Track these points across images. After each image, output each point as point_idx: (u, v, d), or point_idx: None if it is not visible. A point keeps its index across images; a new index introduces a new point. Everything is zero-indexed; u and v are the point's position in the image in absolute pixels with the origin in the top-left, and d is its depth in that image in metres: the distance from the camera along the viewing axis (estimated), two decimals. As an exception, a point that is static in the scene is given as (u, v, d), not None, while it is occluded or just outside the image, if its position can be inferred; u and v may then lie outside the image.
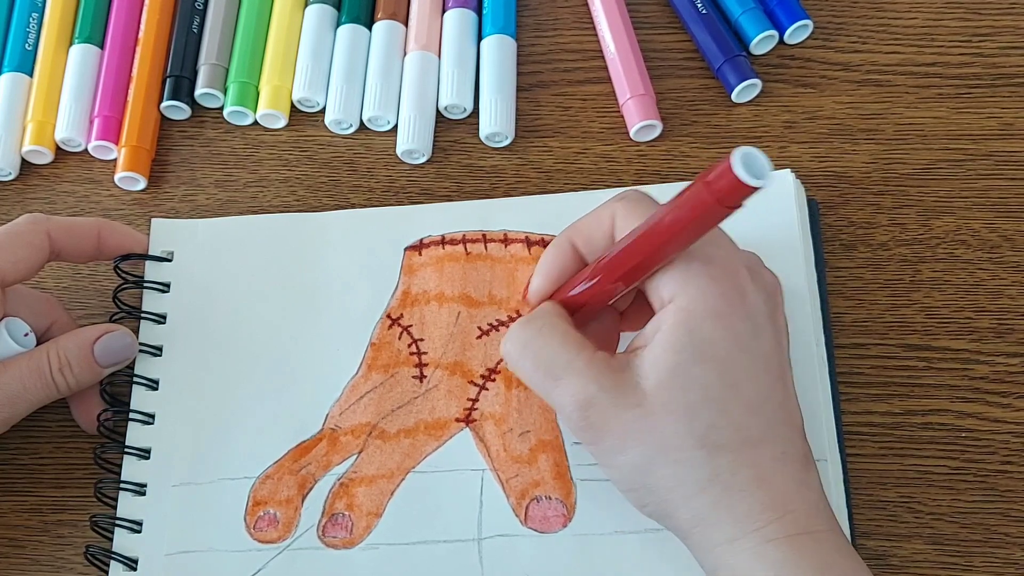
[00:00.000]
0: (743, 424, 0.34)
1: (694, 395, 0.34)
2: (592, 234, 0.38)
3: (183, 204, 0.50)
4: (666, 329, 0.34)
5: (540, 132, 0.51)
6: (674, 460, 0.34)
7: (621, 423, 0.34)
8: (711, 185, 0.31)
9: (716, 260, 0.35)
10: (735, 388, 0.34)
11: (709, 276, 0.35)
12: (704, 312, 0.34)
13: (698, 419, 0.34)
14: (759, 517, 0.33)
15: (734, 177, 0.30)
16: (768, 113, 0.50)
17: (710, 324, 0.34)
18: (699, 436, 0.33)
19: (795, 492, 0.33)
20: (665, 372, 0.34)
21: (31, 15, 0.54)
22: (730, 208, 0.31)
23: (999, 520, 0.41)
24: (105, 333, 0.43)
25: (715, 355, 0.34)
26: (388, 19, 0.53)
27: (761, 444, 0.34)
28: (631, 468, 0.35)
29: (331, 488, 0.42)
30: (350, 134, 0.52)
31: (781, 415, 0.35)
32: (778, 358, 0.35)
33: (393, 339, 0.45)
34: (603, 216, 0.37)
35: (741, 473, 0.33)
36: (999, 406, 0.43)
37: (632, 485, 0.36)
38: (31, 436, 0.46)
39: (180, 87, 0.52)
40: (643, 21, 0.53)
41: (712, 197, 0.31)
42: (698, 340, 0.34)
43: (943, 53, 0.50)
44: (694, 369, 0.34)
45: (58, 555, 0.43)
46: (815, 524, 0.33)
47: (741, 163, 0.30)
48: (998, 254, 0.46)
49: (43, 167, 0.52)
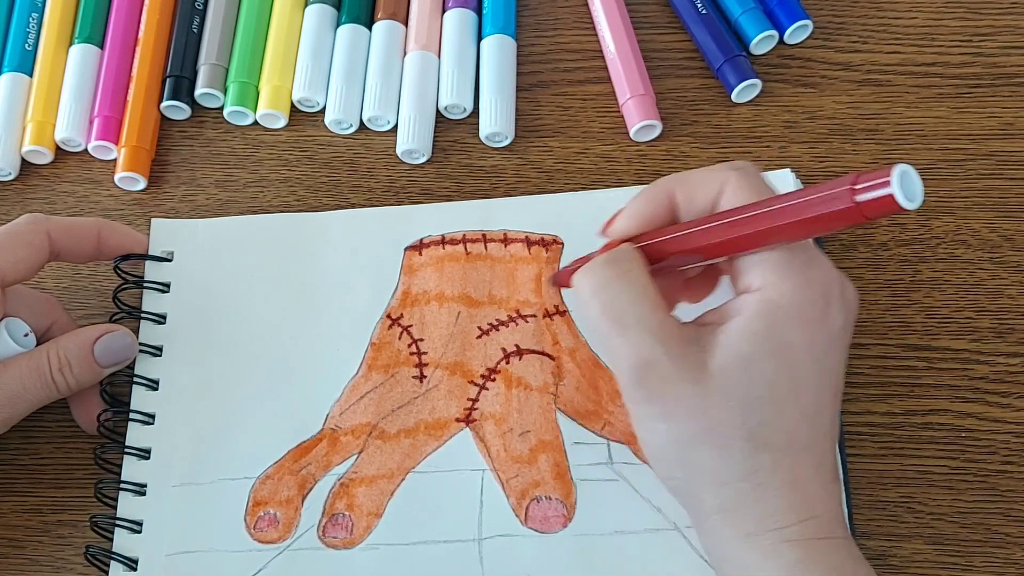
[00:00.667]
0: (794, 430, 0.34)
1: (757, 389, 0.33)
2: (696, 191, 0.36)
3: (183, 204, 0.50)
4: (748, 316, 0.34)
5: (540, 132, 0.51)
6: (719, 445, 0.33)
7: (676, 393, 0.34)
8: (860, 192, 0.30)
9: (817, 264, 0.34)
10: (796, 394, 0.34)
11: (806, 277, 0.34)
12: (790, 312, 0.34)
13: (754, 413, 0.33)
14: (784, 517, 0.33)
15: (891, 197, 0.29)
16: (768, 113, 0.50)
17: (792, 325, 0.33)
18: (750, 429, 0.33)
19: (822, 500, 0.33)
20: (735, 359, 0.33)
21: (31, 15, 0.54)
22: (869, 220, 0.30)
23: (999, 520, 0.41)
24: (105, 333, 0.43)
25: (788, 357, 0.33)
26: (388, 19, 0.53)
27: (804, 452, 0.34)
28: (671, 439, 0.34)
29: (331, 488, 0.42)
30: (350, 134, 0.52)
31: (828, 429, 0.35)
32: (840, 377, 0.35)
33: (393, 339, 0.45)
34: (714, 178, 0.36)
35: (779, 474, 0.33)
36: (999, 406, 0.43)
37: (666, 455, 0.35)
38: (31, 436, 0.46)
39: (180, 87, 0.52)
40: (643, 21, 0.53)
41: (857, 204, 0.30)
42: (776, 337, 0.33)
43: (943, 53, 0.50)
44: (766, 365, 0.33)
45: (58, 555, 0.43)
46: (834, 531, 0.33)
47: (899, 182, 0.29)
48: (998, 254, 0.46)
49: (43, 167, 0.52)
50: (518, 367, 0.44)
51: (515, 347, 0.44)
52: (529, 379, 0.43)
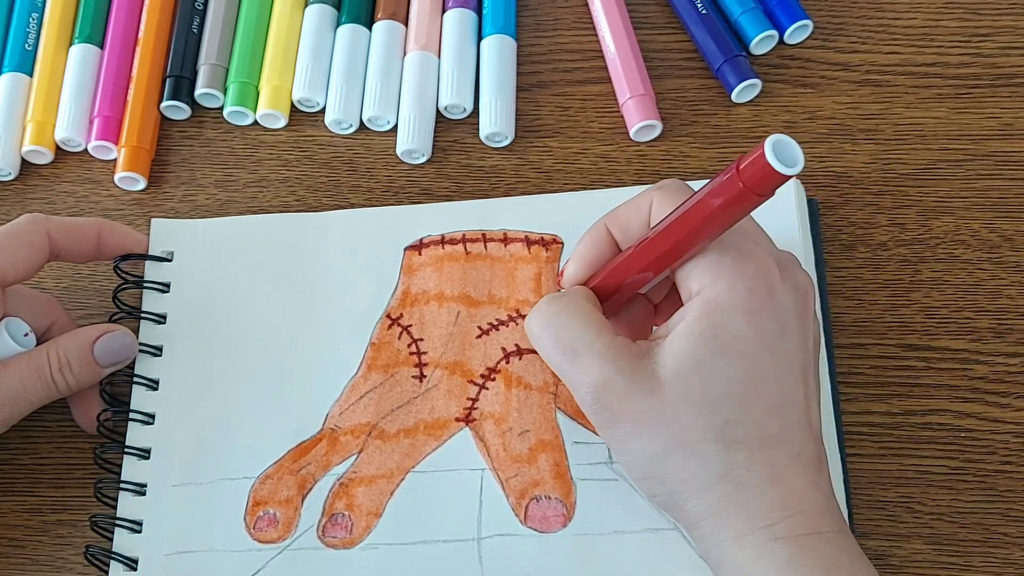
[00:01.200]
0: (762, 423, 0.34)
1: (715, 388, 0.33)
2: (629, 221, 0.37)
3: (183, 204, 0.50)
4: (690, 320, 0.34)
5: (540, 132, 0.51)
6: (690, 452, 0.34)
7: (636, 409, 0.34)
8: (743, 172, 0.30)
9: (748, 255, 0.35)
10: (758, 386, 0.34)
11: (739, 271, 0.34)
12: (731, 306, 0.34)
13: (717, 413, 0.33)
14: (769, 515, 0.33)
15: (766, 164, 0.29)
16: (768, 113, 0.50)
17: (737, 319, 0.34)
18: (717, 430, 0.33)
19: (807, 493, 0.33)
20: (686, 362, 0.34)
21: (31, 15, 0.54)
22: (761, 196, 0.31)
23: (998, 520, 0.41)
24: (105, 333, 0.43)
25: (740, 351, 0.34)
26: (388, 19, 0.53)
27: (778, 444, 0.34)
28: (644, 456, 0.35)
29: (331, 488, 0.42)
30: (350, 134, 0.52)
31: (800, 417, 0.34)
32: (803, 359, 0.35)
33: (393, 339, 0.45)
34: (640, 203, 0.37)
35: (756, 471, 0.33)
36: (999, 406, 0.43)
37: (644, 474, 0.35)
38: (31, 436, 0.46)
39: (180, 87, 0.52)
40: (643, 21, 0.53)
41: (744, 184, 0.31)
42: (723, 334, 0.34)
43: (943, 53, 0.50)
44: (717, 362, 0.33)
45: (58, 555, 0.44)
46: (824, 525, 0.33)
47: (773, 151, 0.29)
48: (998, 254, 0.46)
49: (43, 167, 0.52)
50: (518, 367, 0.44)
51: (515, 347, 0.44)
52: (529, 379, 0.43)
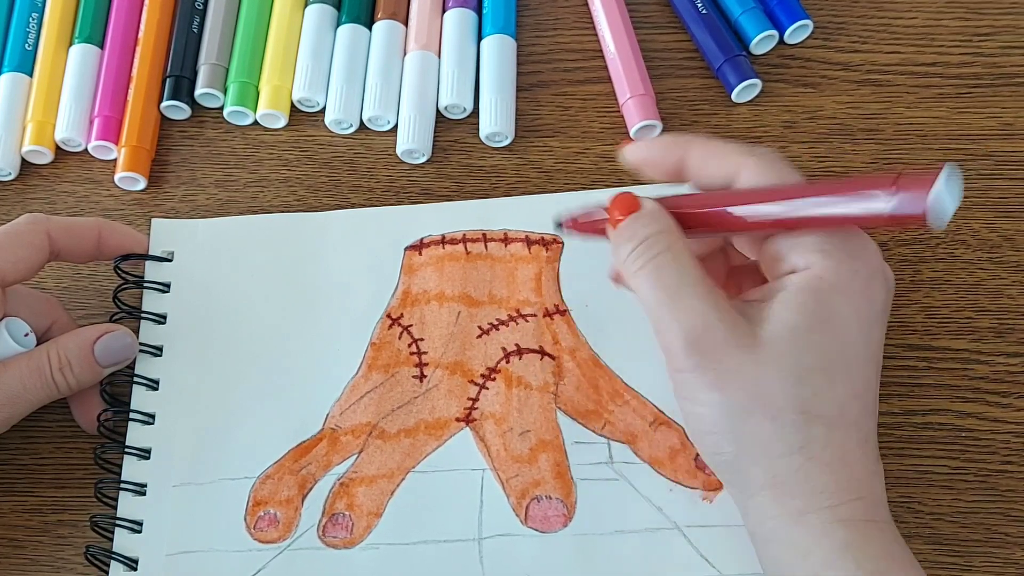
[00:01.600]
0: (844, 403, 0.34)
1: (809, 359, 0.33)
2: (711, 163, 0.36)
3: (183, 204, 0.50)
4: (794, 290, 0.34)
5: (540, 132, 0.51)
6: (771, 416, 0.33)
7: (729, 360, 0.33)
8: (896, 206, 0.30)
9: (856, 239, 0.35)
10: (847, 367, 0.34)
11: (849, 253, 0.34)
12: (836, 285, 0.34)
13: (807, 384, 0.33)
14: (834, 495, 0.33)
15: (923, 218, 0.30)
16: (768, 113, 0.50)
17: (840, 298, 0.34)
18: (803, 400, 0.33)
19: (869, 480, 0.34)
20: (786, 329, 0.33)
21: (31, 15, 0.54)
22: (916, 227, 0.31)
23: (999, 520, 0.41)
24: (105, 333, 0.43)
25: (837, 329, 0.34)
26: (388, 19, 0.53)
27: (853, 427, 0.34)
28: (723, 409, 0.34)
29: (331, 488, 0.42)
30: (350, 134, 0.52)
31: (872, 408, 0.35)
32: (880, 355, 0.35)
33: (393, 339, 0.45)
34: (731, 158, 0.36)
35: (830, 449, 0.33)
36: (999, 406, 0.43)
37: (716, 428, 0.34)
38: (31, 436, 0.46)
39: (180, 87, 0.52)
40: (643, 21, 0.53)
41: (919, 221, 0.30)
42: (826, 311, 0.33)
43: (943, 53, 0.50)
44: (816, 336, 0.33)
45: (58, 555, 0.43)
46: (880, 514, 0.33)
47: (937, 204, 0.30)
48: (998, 254, 0.46)
49: (43, 167, 0.52)
50: (518, 366, 0.44)
51: (515, 346, 0.44)
52: (529, 378, 0.43)
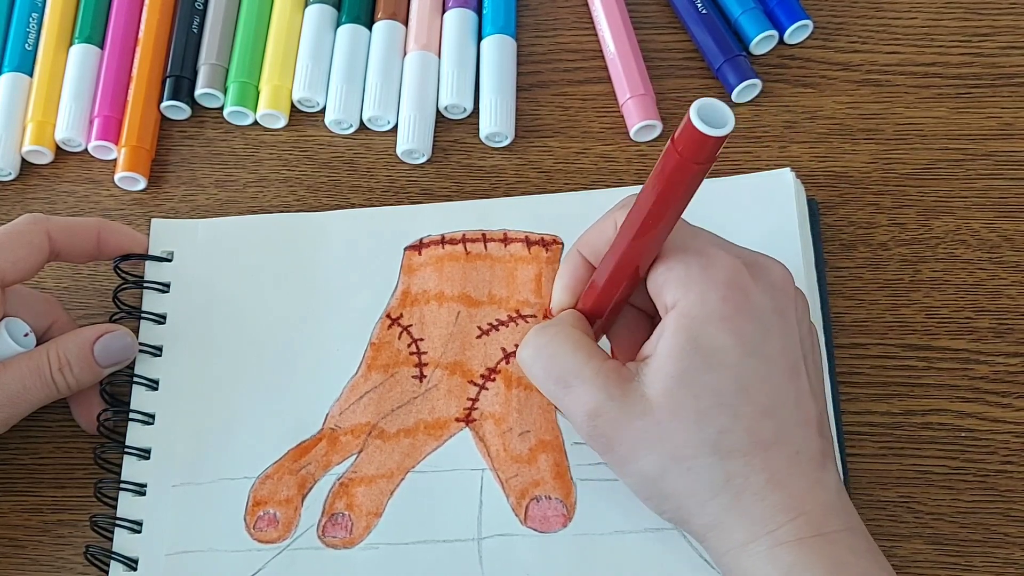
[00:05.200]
0: (755, 428, 0.33)
1: (703, 402, 0.33)
2: (596, 242, 0.38)
3: (183, 204, 0.50)
4: (668, 336, 0.34)
5: (540, 132, 0.51)
6: (687, 468, 0.34)
7: (630, 432, 0.34)
8: (677, 143, 0.31)
9: (715, 261, 0.35)
10: (745, 392, 0.34)
11: (708, 278, 0.34)
12: (706, 317, 0.34)
13: (709, 425, 0.33)
14: (772, 520, 0.33)
15: (694, 129, 0.29)
16: (768, 113, 0.50)
17: (714, 329, 0.34)
18: (711, 442, 0.33)
19: (809, 493, 0.33)
20: (671, 380, 0.34)
21: (31, 15, 0.54)
22: (700, 164, 0.31)
23: (999, 520, 0.41)
24: (105, 333, 0.43)
25: (722, 360, 0.33)
26: (388, 19, 0.53)
27: (774, 446, 0.33)
28: (644, 477, 0.35)
29: (331, 488, 0.42)
30: (350, 134, 0.52)
31: (795, 415, 0.34)
32: (791, 356, 0.35)
33: (393, 339, 0.45)
34: (606, 223, 0.37)
35: (754, 477, 0.33)
36: (999, 406, 0.43)
37: (648, 493, 0.36)
38: (31, 436, 0.46)
39: (180, 87, 0.52)
40: (643, 21, 0.53)
41: (680, 154, 0.31)
42: (703, 346, 0.34)
43: (943, 53, 0.50)
44: (702, 376, 0.33)
45: (58, 555, 0.43)
46: (830, 525, 0.33)
47: (699, 115, 0.29)
48: (998, 254, 0.46)
49: (43, 167, 0.52)
50: (518, 367, 0.44)
51: (515, 347, 0.44)
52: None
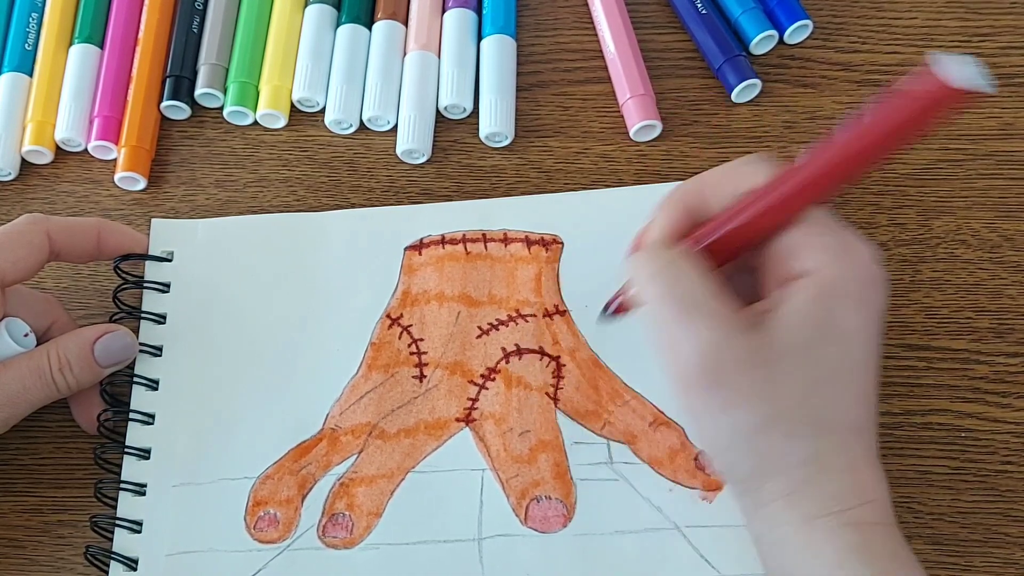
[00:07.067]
0: (852, 412, 0.34)
1: (819, 371, 0.33)
2: (722, 185, 0.36)
3: (183, 204, 0.50)
4: (805, 300, 0.34)
5: (540, 132, 0.51)
6: (786, 432, 0.33)
7: (744, 378, 0.33)
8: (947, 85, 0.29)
9: (858, 244, 0.34)
10: (854, 374, 0.34)
11: (853, 258, 0.34)
12: (846, 293, 0.34)
13: (818, 396, 0.33)
14: (844, 500, 0.33)
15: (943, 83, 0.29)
16: (768, 113, 0.50)
17: (848, 308, 0.34)
18: (815, 412, 0.33)
19: (878, 483, 0.34)
20: (797, 342, 0.33)
21: (31, 15, 0.54)
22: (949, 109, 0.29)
23: (999, 520, 0.41)
24: (105, 333, 0.43)
25: (848, 338, 0.34)
26: (388, 19, 0.53)
27: (859, 433, 0.34)
28: (737, 428, 0.34)
29: (331, 488, 0.42)
30: (350, 134, 0.52)
31: (875, 412, 0.35)
32: (879, 354, 0.35)
33: (393, 339, 0.45)
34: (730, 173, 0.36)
35: (840, 456, 0.33)
36: (999, 406, 0.43)
37: (732, 446, 0.34)
38: (31, 436, 0.46)
39: (180, 87, 0.52)
40: (643, 21, 0.53)
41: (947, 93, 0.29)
42: (836, 320, 0.33)
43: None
44: (827, 346, 0.33)
45: (58, 555, 0.43)
46: (887, 517, 0.34)
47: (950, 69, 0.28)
48: (998, 254, 0.46)
49: (43, 167, 0.52)
50: (518, 367, 0.44)
51: (515, 347, 0.44)
52: (529, 379, 0.43)
